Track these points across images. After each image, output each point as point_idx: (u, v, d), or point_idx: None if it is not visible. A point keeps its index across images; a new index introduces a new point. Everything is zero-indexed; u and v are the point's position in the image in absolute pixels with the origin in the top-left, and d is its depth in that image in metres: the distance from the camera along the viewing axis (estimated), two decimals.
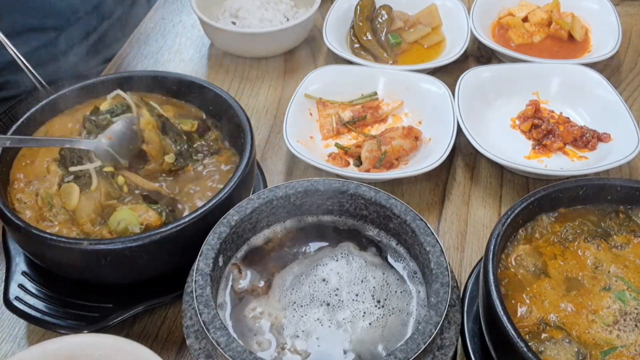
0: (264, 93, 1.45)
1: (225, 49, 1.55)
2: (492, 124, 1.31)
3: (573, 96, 1.34)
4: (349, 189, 0.90)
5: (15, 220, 0.91)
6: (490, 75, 1.36)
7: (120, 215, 0.94)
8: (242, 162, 0.99)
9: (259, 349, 0.78)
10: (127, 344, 0.80)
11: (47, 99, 1.10)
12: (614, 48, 1.42)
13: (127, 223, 0.94)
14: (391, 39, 1.52)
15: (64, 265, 0.94)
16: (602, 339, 0.77)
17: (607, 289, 0.82)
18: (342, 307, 0.82)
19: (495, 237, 0.83)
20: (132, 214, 0.94)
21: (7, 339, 0.98)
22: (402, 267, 0.87)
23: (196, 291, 0.77)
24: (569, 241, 0.88)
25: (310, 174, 1.24)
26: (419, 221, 0.85)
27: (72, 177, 1.00)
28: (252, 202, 0.88)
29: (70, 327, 0.92)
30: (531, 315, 0.80)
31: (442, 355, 0.75)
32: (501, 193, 1.21)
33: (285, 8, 1.57)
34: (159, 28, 1.66)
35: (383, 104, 1.34)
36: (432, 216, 1.17)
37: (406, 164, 1.22)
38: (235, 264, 0.88)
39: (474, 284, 0.92)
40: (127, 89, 1.14)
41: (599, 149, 1.24)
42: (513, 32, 1.53)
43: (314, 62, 1.54)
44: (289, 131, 1.22)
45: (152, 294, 0.96)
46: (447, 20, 1.57)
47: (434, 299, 0.76)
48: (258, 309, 0.82)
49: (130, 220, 0.94)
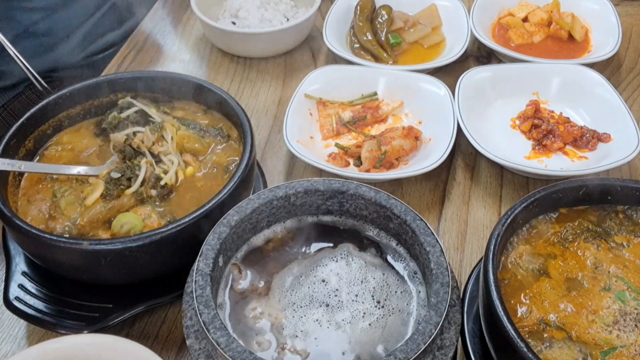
0: (264, 93, 1.45)
1: (225, 49, 1.55)
2: (492, 124, 1.31)
3: (573, 96, 1.34)
4: (349, 189, 0.90)
5: (15, 220, 0.91)
6: (490, 75, 1.36)
7: (124, 219, 0.95)
8: (242, 162, 0.99)
9: (259, 349, 0.78)
10: (127, 344, 0.80)
11: (48, 99, 1.09)
12: (614, 48, 1.42)
13: (131, 226, 0.94)
14: (391, 39, 1.51)
15: (64, 265, 0.94)
16: (602, 339, 0.77)
17: (607, 289, 0.82)
18: (341, 308, 0.82)
19: (495, 237, 0.83)
20: (136, 217, 0.94)
21: (7, 339, 0.98)
22: (402, 267, 0.87)
23: (196, 291, 0.77)
24: (569, 241, 0.88)
25: (310, 174, 1.24)
26: (419, 221, 0.85)
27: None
28: (252, 202, 0.88)
29: (70, 327, 0.92)
30: (531, 315, 0.80)
31: (442, 355, 0.75)
32: (501, 193, 1.21)
33: (285, 8, 1.57)
34: (159, 28, 1.66)
35: (383, 104, 1.34)
36: (432, 216, 1.17)
37: (406, 164, 1.22)
38: (235, 264, 0.88)
39: (474, 284, 0.92)
40: (127, 89, 1.14)
41: (599, 149, 1.24)
42: (513, 32, 1.53)
43: (314, 62, 1.54)
44: (289, 131, 1.22)
45: (152, 294, 0.96)
46: (447, 20, 1.57)
47: (434, 299, 0.76)
48: (258, 309, 0.82)
49: (134, 224, 0.94)
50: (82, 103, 1.13)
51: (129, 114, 1.09)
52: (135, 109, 1.10)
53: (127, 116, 1.09)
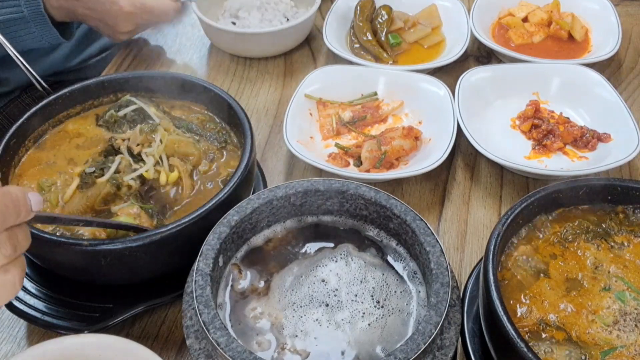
0: (264, 93, 1.45)
1: (225, 49, 1.55)
2: (492, 124, 1.31)
3: (573, 96, 1.34)
4: (349, 189, 0.90)
5: None
6: (490, 75, 1.36)
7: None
8: (242, 162, 0.98)
9: (259, 349, 0.78)
10: (127, 344, 0.80)
11: (47, 100, 1.09)
12: (614, 48, 1.42)
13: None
14: (391, 39, 1.51)
15: (64, 265, 0.94)
16: (602, 339, 0.77)
17: (607, 289, 0.82)
18: (341, 308, 0.82)
19: (495, 237, 0.83)
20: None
21: (7, 339, 0.98)
22: (402, 267, 0.87)
23: (196, 291, 0.77)
24: (568, 241, 0.88)
25: (310, 174, 1.24)
26: (419, 221, 0.85)
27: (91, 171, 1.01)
28: (252, 202, 0.88)
29: (70, 327, 0.92)
30: (531, 315, 0.80)
31: (442, 355, 0.75)
32: (501, 193, 1.21)
33: (285, 8, 1.57)
34: (159, 28, 1.66)
35: (383, 104, 1.34)
36: (432, 216, 1.17)
37: (406, 164, 1.22)
38: (235, 264, 0.88)
39: (474, 284, 0.92)
40: (127, 89, 1.14)
41: (599, 149, 1.24)
42: (513, 32, 1.53)
43: (314, 62, 1.54)
44: (289, 131, 1.22)
45: (152, 294, 0.96)
46: (447, 20, 1.57)
47: (434, 299, 0.76)
48: (258, 309, 0.82)
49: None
50: (82, 103, 1.13)
51: (126, 112, 1.09)
52: (133, 107, 1.09)
53: (125, 115, 1.09)
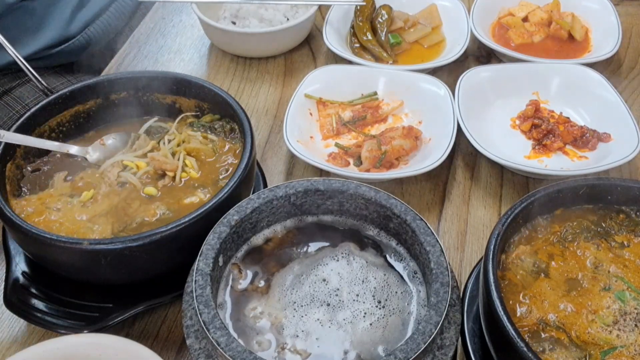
0: (264, 93, 1.45)
1: (225, 49, 1.55)
2: (492, 124, 1.31)
3: (573, 96, 1.34)
4: (349, 188, 0.90)
5: (15, 220, 0.91)
6: (490, 75, 1.36)
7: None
8: (242, 162, 0.99)
9: (259, 348, 0.78)
10: (127, 344, 0.80)
11: (47, 100, 1.09)
12: (614, 48, 1.42)
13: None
14: (391, 39, 1.51)
15: (64, 265, 0.94)
16: (602, 339, 0.77)
17: (607, 289, 0.82)
18: (342, 308, 0.82)
19: (495, 237, 0.83)
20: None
21: (7, 339, 0.98)
22: (402, 267, 0.87)
23: (196, 291, 0.77)
24: (568, 241, 0.88)
25: (310, 173, 1.24)
26: (419, 221, 0.85)
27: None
28: (252, 202, 0.88)
29: (70, 327, 0.92)
30: (531, 315, 0.80)
31: (442, 355, 0.75)
32: (501, 193, 1.21)
33: (285, 8, 1.57)
34: (159, 28, 1.66)
35: (383, 104, 1.34)
36: (432, 216, 1.17)
37: (406, 164, 1.22)
38: (236, 263, 0.88)
39: (474, 284, 0.92)
40: (127, 89, 1.14)
41: (599, 149, 1.24)
42: (513, 32, 1.53)
43: (314, 62, 1.54)
44: (289, 131, 1.22)
45: (152, 294, 0.96)
46: (447, 20, 1.57)
47: (434, 298, 0.76)
48: (258, 308, 0.82)
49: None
50: (83, 103, 1.13)
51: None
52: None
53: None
